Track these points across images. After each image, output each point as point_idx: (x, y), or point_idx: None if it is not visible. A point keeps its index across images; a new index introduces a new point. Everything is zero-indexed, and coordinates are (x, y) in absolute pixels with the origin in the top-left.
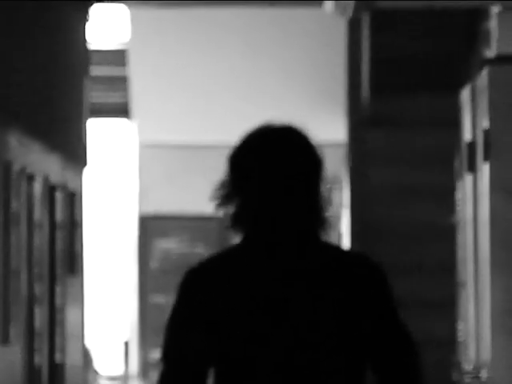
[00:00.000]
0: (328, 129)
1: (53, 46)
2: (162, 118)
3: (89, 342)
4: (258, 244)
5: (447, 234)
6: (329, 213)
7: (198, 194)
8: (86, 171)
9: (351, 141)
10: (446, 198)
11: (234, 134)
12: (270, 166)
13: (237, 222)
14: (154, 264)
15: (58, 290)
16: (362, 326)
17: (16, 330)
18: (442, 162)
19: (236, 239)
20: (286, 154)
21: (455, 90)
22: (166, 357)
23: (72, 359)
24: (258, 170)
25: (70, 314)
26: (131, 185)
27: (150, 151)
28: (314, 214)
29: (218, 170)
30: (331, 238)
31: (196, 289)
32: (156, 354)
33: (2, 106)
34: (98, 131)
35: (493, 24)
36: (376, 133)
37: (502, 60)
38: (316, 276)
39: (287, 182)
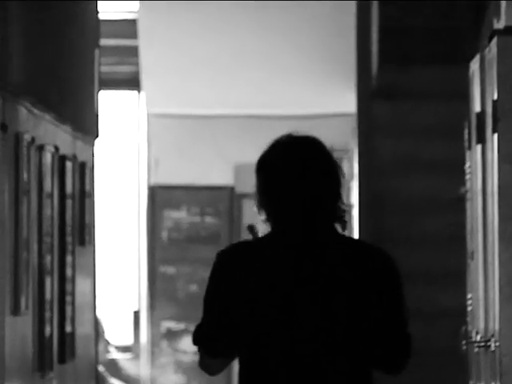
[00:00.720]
0: (338, 100)
1: (63, 17)
2: (171, 89)
3: (100, 312)
4: (283, 237)
5: (456, 206)
6: (345, 211)
7: (207, 165)
8: (96, 142)
9: (360, 112)
10: (454, 170)
11: (243, 104)
12: (294, 170)
13: (268, 219)
14: (163, 234)
15: (68, 260)
16: (371, 314)
17: (26, 301)
18: (451, 133)
19: (248, 212)
20: (308, 160)
21: (464, 62)
22: (205, 325)
23: (83, 329)
24: (284, 173)
25: (81, 285)
26: (141, 156)
27: (160, 122)
28: (333, 212)
29: (227, 139)
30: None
31: (227, 268)
32: (166, 324)
33: (11, 78)
34: (108, 103)
35: None
36: (385, 104)
37: (510, 31)
38: (334, 267)
39: (310, 184)
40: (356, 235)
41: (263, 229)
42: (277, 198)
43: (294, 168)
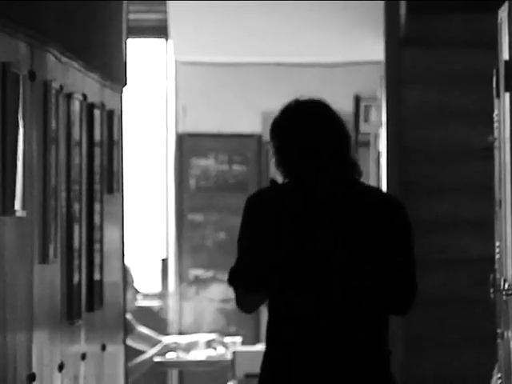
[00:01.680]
0: (366, 48)
1: None
2: (199, 37)
3: (128, 260)
4: (303, 183)
5: (484, 155)
6: (357, 162)
7: (235, 112)
8: (124, 90)
9: (388, 60)
10: (483, 118)
11: (271, 52)
12: (304, 131)
13: (285, 175)
14: (191, 182)
15: (96, 208)
16: (382, 257)
17: (55, 249)
18: (480, 82)
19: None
20: (317, 121)
21: (493, 9)
22: (239, 263)
23: (111, 277)
24: (295, 135)
25: (109, 233)
26: (169, 104)
27: (188, 70)
28: (346, 162)
29: (255, 87)
30: (371, 156)
31: (256, 212)
32: (194, 272)
33: (39, 26)
34: (136, 51)
35: None
36: (413, 52)
37: None
38: (351, 208)
39: (320, 141)
40: (384, 182)
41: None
42: (291, 157)
43: (304, 129)
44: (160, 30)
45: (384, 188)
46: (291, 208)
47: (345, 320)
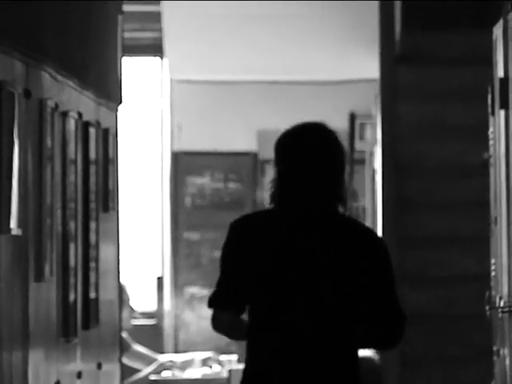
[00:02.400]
0: (361, 65)
1: None
2: (194, 55)
3: (124, 279)
4: (288, 209)
5: (479, 171)
6: (346, 194)
7: (230, 130)
8: (120, 109)
9: (383, 78)
10: (478, 135)
11: (267, 70)
12: (301, 155)
13: (275, 193)
14: (187, 200)
15: (92, 226)
16: (363, 282)
17: (50, 267)
18: (474, 99)
19: (271, 177)
20: (314, 148)
21: (488, 26)
22: (218, 285)
23: (107, 295)
24: (293, 157)
25: (105, 251)
26: (164, 122)
27: (183, 88)
28: (335, 192)
29: (250, 105)
30: (366, 173)
31: (239, 236)
32: (189, 290)
33: (35, 44)
34: (131, 69)
35: None
36: (408, 70)
37: None
38: (332, 238)
39: (312, 169)
40: (379, 199)
41: None
42: (284, 180)
43: (300, 155)
44: (155, 48)
45: (379, 205)
46: (271, 238)
47: (322, 349)
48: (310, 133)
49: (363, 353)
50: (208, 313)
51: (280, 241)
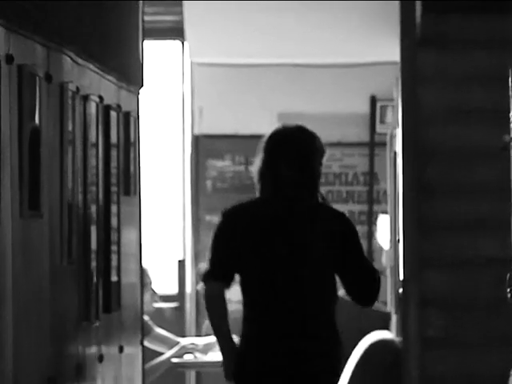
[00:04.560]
0: (382, 48)
1: None
2: (215, 39)
3: (145, 262)
4: (276, 198)
5: (501, 155)
6: (319, 187)
7: (251, 114)
8: (141, 92)
9: (404, 61)
10: (499, 119)
11: (288, 53)
12: (288, 152)
13: (264, 184)
14: (208, 183)
15: (113, 210)
16: (337, 252)
17: (72, 251)
18: (496, 82)
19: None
20: (300, 145)
21: (509, 10)
22: (210, 261)
23: (129, 279)
24: (280, 156)
25: (127, 234)
26: (185, 105)
27: (204, 71)
28: (312, 183)
29: (271, 88)
30: (387, 156)
31: (229, 223)
32: None
33: (56, 28)
34: (153, 52)
35: None
36: (429, 53)
37: None
38: (312, 222)
39: (298, 163)
40: (400, 182)
41: None
42: (272, 174)
43: (286, 153)
44: (176, 32)
45: (400, 188)
46: (262, 219)
47: (304, 315)
48: (295, 134)
49: (383, 335)
50: (229, 295)
51: (268, 224)
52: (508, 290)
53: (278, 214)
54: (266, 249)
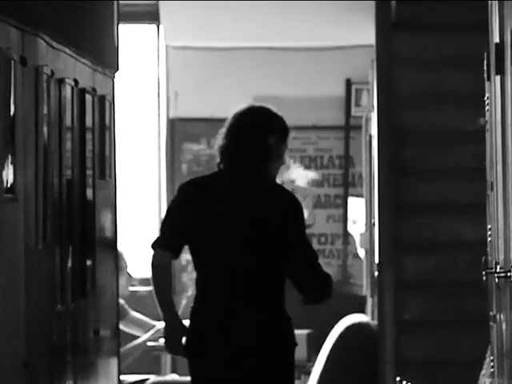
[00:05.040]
0: (357, 32)
1: None
2: (190, 22)
3: (121, 246)
4: (229, 174)
5: (475, 138)
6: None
7: (227, 97)
8: (116, 76)
9: (379, 44)
10: (474, 102)
11: (263, 37)
12: (241, 131)
13: (222, 160)
14: (183, 167)
15: (89, 194)
16: (284, 235)
17: (47, 234)
18: (470, 65)
19: None
20: (252, 122)
21: None
22: (160, 231)
23: (104, 263)
24: (235, 133)
25: (102, 218)
26: (160, 89)
27: (179, 55)
28: (264, 160)
29: (247, 72)
30: (362, 139)
31: (185, 195)
32: (185, 256)
33: (30, 12)
34: (128, 36)
35: None
36: (404, 36)
37: None
38: (260, 197)
39: (252, 142)
40: (375, 165)
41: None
42: (229, 151)
43: (231, 131)
44: (151, 16)
45: (376, 170)
46: (214, 194)
47: (251, 288)
48: (250, 111)
49: (359, 318)
50: None
51: (220, 199)
52: (483, 272)
53: (228, 188)
54: (217, 219)
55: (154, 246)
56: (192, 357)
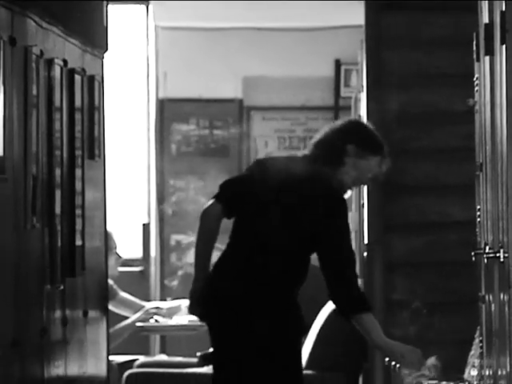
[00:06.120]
0: (346, 12)
1: None
2: (179, 2)
3: (110, 226)
4: (297, 166)
5: (465, 118)
6: None
7: (216, 78)
8: (105, 56)
9: (368, 24)
10: (463, 82)
11: (252, 17)
12: (332, 130)
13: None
14: (172, 147)
15: (78, 174)
16: (312, 236)
17: (36, 214)
18: (460, 46)
19: (256, 124)
20: (344, 128)
21: None
22: (221, 188)
23: (93, 243)
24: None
25: (91, 198)
26: (150, 69)
27: (168, 35)
28: (328, 162)
29: (236, 52)
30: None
31: (252, 170)
32: (175, 237)
33: None
34: (117, 16)
35: None
36: (393, 16)
37: None
38: (299, 194)
39: (330, 139)
40: None
41: None
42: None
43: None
44: None
45: None
46: (258, 187)
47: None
48: (356, 124)
49: None
50: (192, 259)
51: (275, 185)
52: (472, 253)
53: (285, 180)
54: (262, 206)
55: (213, 197)
56: (209, 320)
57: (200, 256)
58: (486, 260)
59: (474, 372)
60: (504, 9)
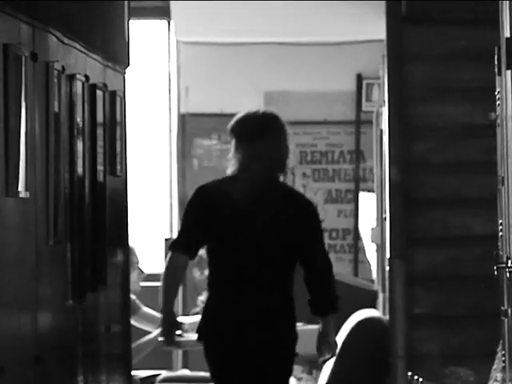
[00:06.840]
0: (368, 26)
1: None
2: (201, 17)
3: (132, 241)
4: (241, 178)
5: (486, 132)
6: (286, 167)
7: (238, 92)
8: (127, 72)
9: (390, 38)
10: (485, 96)
11: (274, 32)
12: (248, 136)
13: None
14: (194, 162)
15: (100, 189)
16: (299, 237)
17: (58, 230)
18: (482, 59)
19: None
20: (260, 130)
21: None
22: (179, 233)
23: (115, 258)
24: (242, 138)
25: (113, 214)
26: (172, 84)
27: (190, 50)
28: (278, 164)
29: (258, 67)
30: (373, 134)
31: (200, 197)
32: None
33: (41, 7)
34: (139, 32)
35: None
36: (415, 30)
37: None
38: (274, 201)
39: (258, 146)
40: (386, 160)
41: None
42: (239, 154)
43: (248, 135)
44: (162, 11)
45: (386, 166)
46: (229, 197)
47: (263, 284)
48: (261, 118)
49: (370, 313)
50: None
51: (235, 202)
52: (495, 267)
53: (242, 192)
54: (232, 224)
55: (172, 247)
56: (207, 343)
57: (166, 298)
58: (508, 274)
59: None
60: None
